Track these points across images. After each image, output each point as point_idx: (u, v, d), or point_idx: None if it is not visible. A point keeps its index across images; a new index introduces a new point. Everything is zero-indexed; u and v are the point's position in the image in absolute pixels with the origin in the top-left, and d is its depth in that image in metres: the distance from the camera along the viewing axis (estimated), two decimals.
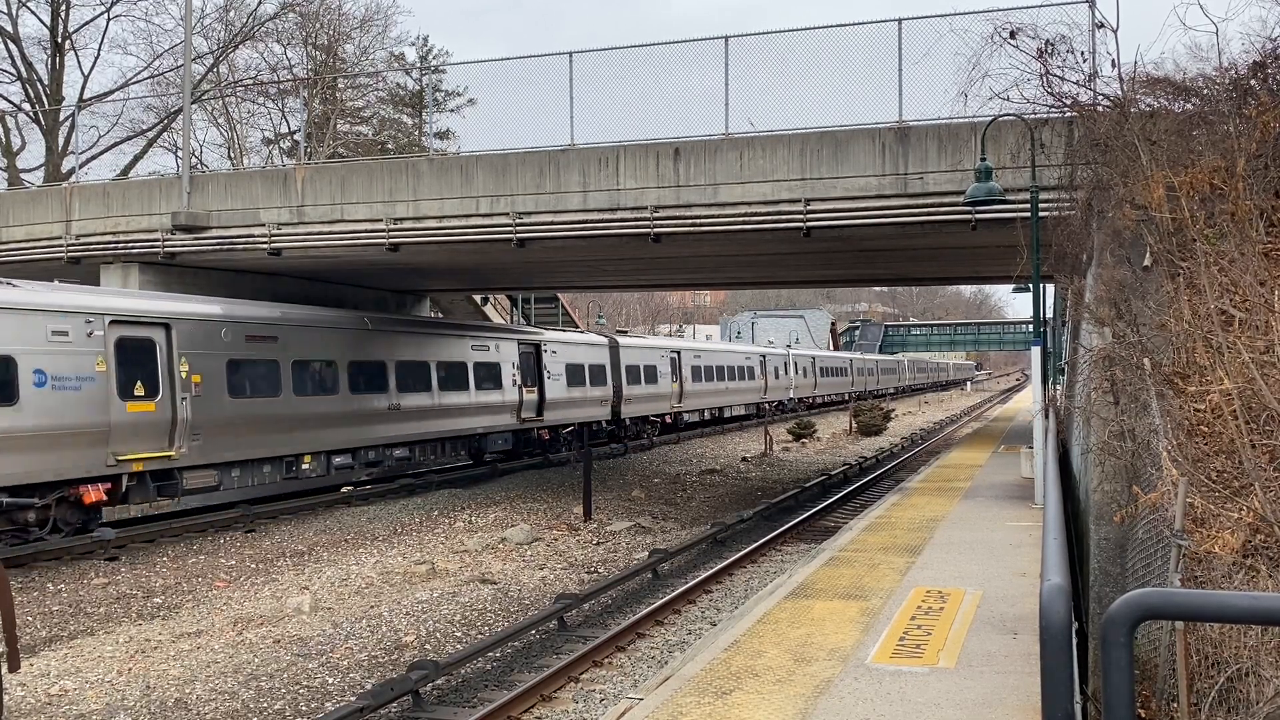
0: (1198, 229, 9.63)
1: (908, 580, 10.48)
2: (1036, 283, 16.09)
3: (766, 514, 20.32)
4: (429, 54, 51.22)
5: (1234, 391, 7.27)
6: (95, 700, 9.43)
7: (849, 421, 44.88)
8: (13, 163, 39.51)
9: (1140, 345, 9.30)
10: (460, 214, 18.78)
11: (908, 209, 16.39)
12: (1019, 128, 15.18)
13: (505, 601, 13.37)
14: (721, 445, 37.59)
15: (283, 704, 9.44)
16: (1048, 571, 4.10)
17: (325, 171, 20.39)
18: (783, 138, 16.92)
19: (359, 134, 47.22)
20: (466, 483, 24.94)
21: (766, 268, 25.74)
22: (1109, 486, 9.09)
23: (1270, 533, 6.14)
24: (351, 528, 18.72)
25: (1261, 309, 8.40)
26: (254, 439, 19.17)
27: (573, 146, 18.11)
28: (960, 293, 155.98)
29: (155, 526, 17.80)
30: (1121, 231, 11.07)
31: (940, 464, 23.93)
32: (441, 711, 9.13)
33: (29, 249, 22.36)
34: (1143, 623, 2.36)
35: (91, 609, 13.08)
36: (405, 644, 11.31)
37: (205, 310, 18.69)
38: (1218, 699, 5.43)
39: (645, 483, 25.69)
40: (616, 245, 19.36)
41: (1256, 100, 10.78)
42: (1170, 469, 6.61)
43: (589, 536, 18.24)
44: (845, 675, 7.29)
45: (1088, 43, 14.44)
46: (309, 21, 43.66)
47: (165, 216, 20.75)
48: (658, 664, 10.31)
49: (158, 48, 54.47)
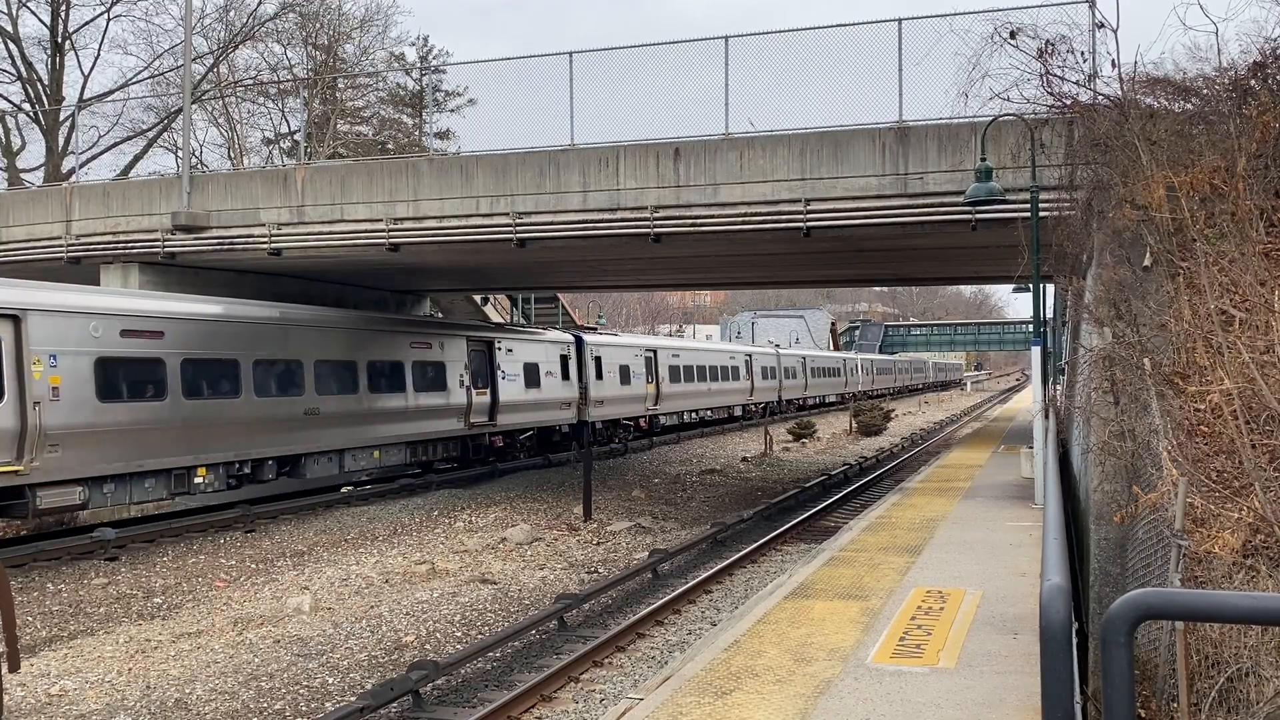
0: (1198, 229, 9.63)
1: (908, 580, 10.47)
2: (1036, 283, 16.09)
3: (766, 514, 20.32)
4: (429, 54, 51.23)
5: (1234, 391, 7.28)
6: (95, 700, 9.43)
7: (849, 421, 44.89)
8: (13, 163, 39.51)
9: (1140, 345, 9.30)
10: (460, 214, 18.78)
11: (908, 209, 16.39)
12: (1019, 128, 15.18)
13: (505, 601, 13.37)
14: (721, 445, 37.59)
15: (283, 704, 9.44)
16: (1048, 571, 4.10)
17: (325, 171, 20.39)
18: (783, 138, 16.92)
19: (359, 134, 47.22)
20: (466, 483, 24.94)
21: (766, 268, 25.75)
22: (1109, 486, 9.09)
23: (1270, 533, 6.14)
24: (352, 528, 18.72)
25: (1261, 309, 8.40)
26: (130, 449, 16.67)
27: (573, 146, 18.11)
28: (960, 293, 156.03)
29: (155, 526, 17.79)
30: (1121, 231, 11.07)
31: (940, 464, 23.93)
32: (441, 711, 9.14)
33: (29, 249, 22.36)
34: (1143, 623, 2.36)
35: (91, 609, 13.08)
36: (405, 644, 11.31)
37: (67, 301, 16.13)
38: (1218, 699, 5.43)
39: (645, 483, 25.70)
40: (616, 245, 19.36)
41: (1256, 100, 10.79)
42: (1170, 469, 6.61)
43: (589, 536, 18.24)
44: (845, 675, 7.29)
45: (1088, 43, 14.45)
46: (309, 21, 43.66)
47: (165, 216, 20.75)
48: (658, 664, 10.31)
49: (158, 48, 54.48)
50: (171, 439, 17.40)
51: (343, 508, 20.85)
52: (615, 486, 24.84)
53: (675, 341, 46.55)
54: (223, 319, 19.05)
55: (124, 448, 16.54)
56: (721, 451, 35.13)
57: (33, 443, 15.04)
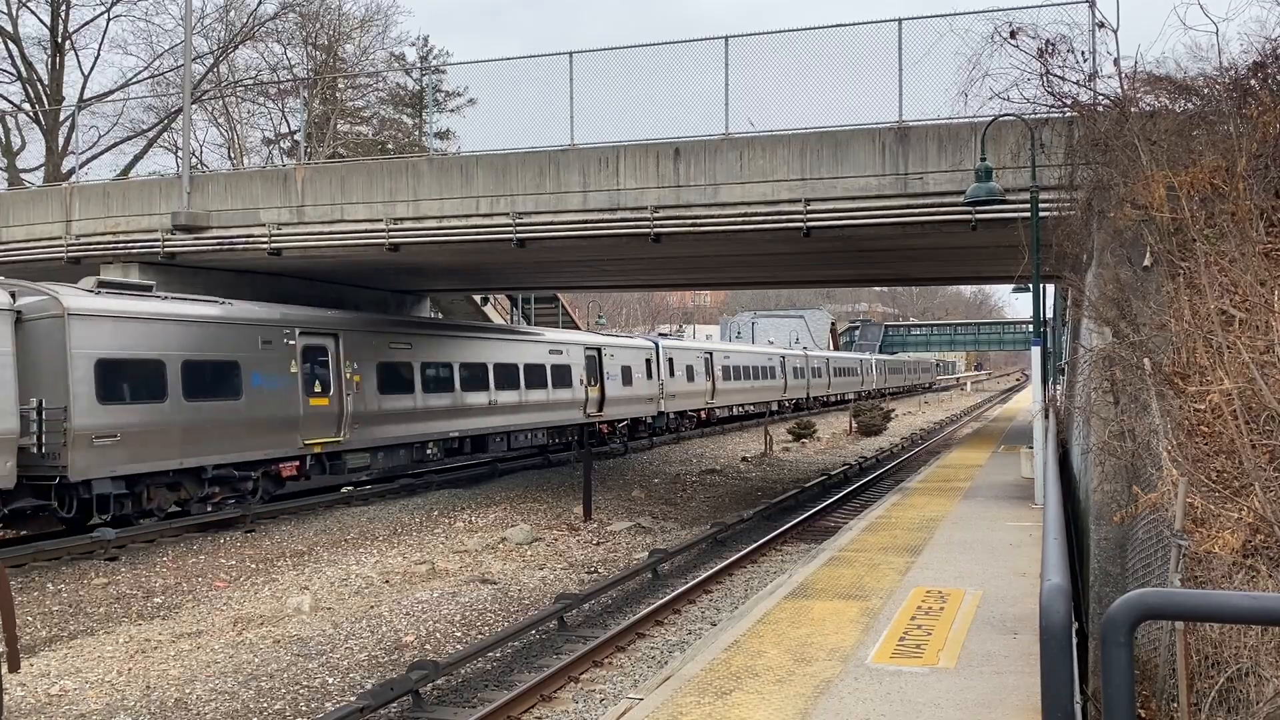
0: (1198, 229, 9.63)
1: (908, 580, 10.47)
2: (1036, 283, 16.08)
3: (766, 514, 20.31)
4: (429, 54, 51.21)
5: (1234, 391, 7.27)
6: (95, 700, 9.43)
7: (849, 421, 44.88)
8: (13, 163, 39.50)
9: (1140, 345, 9.30)
10: (460, 214, 18.77)
11: (908, 209, 16.38)
12: (1019, 128, 15.17)
13: (505, 601, 13.37)
14: (721, 445, 37.59)
15: (283, 704, 9.44)
16: (1048, 571, 4.10)
17: (325, 171, 20.39)
18: (783, 138, 16.92)
19: (359, 134, 47.20)
20: (466, 483, 24.96)
21: (766, 268, 25.74)
22: (1109, 486, 9.09)
23: (1270, 533, 6.14)
24: (352, 528, 18.71)
25: (1261, 309, 8.40)
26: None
27: (573, 146, 18.11)
28: (960, 293, 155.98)
29: (155, 526, 17.78)
30: (1122, 231, 11.07)
31: (940, 464, 23.92)
32: (441, 711, 9.14)
33: (29, 249, 22.35)
34: (1143, 623, 2.36)
35: (91, 609, 13.07)
36: (405, 644, 11.31)
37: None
38: (1218, 699, 5.43)
39: (645, 483, 25.69)
40: (616, 245, 19.36)
41: (1257, 100, 10.78)
42: (1170, 469, 6.61)
43: (589, 536, 18.24)
44: (845, 675, 7.29)
45: (1088, 42, 14.45)
46: (309, 21, 43.64)
47: (165, 216, 20.74)
48: (658, 664, 10.31)
49: (158, 48, 54.45)
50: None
51: (343, 508, 20.85)
52: (615, 486, 24.83)
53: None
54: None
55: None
56: (721, 451, 35.13)
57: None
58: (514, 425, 28.05)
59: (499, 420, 27.39)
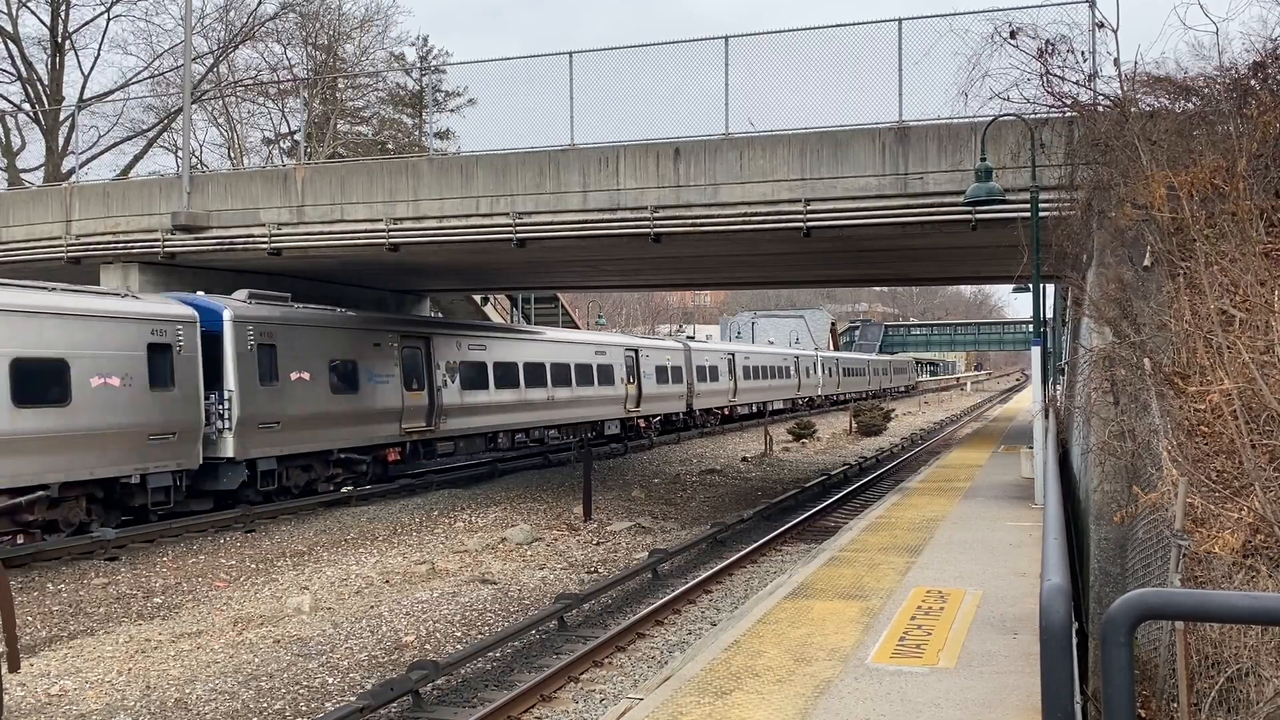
0: (1198, 229, 9.63)
1: (908, 580, 10.47)
2: (1036, 283, 16.08)
3: (766, 514, 20.31)
4: (429, 54, 51.20)
5: (1234, 391, 7.27)
6: (95, 700, 9.42)
7: (849, 421, 44.88)
8: (13, 163, 39.51)
9: (1140, 345, 9.30)
10: (460, 214, 18.77)
11: (908, 209, 16.38)
12: (1019, 128, 15.17)
13: (505, 601, 13.37)
14: (721, 445, 37.59)
15: (283, 704, 9.44)
16: (1048, 571, 4.10)
17: (325, 171, 20.39)
18: (783, 138, 16.91)
19: (359, 134, 47.20)
20: (466, 483, 24.97)
21: (766, 268, 25.74)
22: (1109, 486, 9.09)
23: (1270, 533, 6.14)
24: (351, 528, 18.71)
25: (1262, 309, 8.40)
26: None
27: (573, 146, 18.11)
28: (960, 293, 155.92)
29: (155, 526, 17.79)
30: (1122, 231, 11.06)
31: (940, 464, 23.92)
32: (441, 711, 9.13)
33: (29, 249, 22.35)
34: (1143, 623, 2.36)
35: (91, 609, 13.07)
36: (405, 644, 11.31)
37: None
38: (1218, 699, 5.43)
39: (645, 483, 25.69)
40: (616, 245, 19.36)
41: (1257, 100, 10.78)
42: (1170, 469, 6.61)
43: (589, 536, 18.24)
44: (845, 675, 7.29)
45: (1088, 43, 14.44)
46: (309, 21, 43.65)
47: (165, 216, 20.74)
48: (658, 664, 10.31)
49: (158, 48, 54.40)
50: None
51: (343, 508, 20.85)
52: (615, 486, 24.83)
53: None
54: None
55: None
56: (721, 451, 35.13)
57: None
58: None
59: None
